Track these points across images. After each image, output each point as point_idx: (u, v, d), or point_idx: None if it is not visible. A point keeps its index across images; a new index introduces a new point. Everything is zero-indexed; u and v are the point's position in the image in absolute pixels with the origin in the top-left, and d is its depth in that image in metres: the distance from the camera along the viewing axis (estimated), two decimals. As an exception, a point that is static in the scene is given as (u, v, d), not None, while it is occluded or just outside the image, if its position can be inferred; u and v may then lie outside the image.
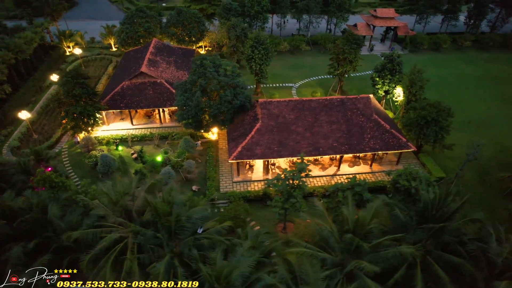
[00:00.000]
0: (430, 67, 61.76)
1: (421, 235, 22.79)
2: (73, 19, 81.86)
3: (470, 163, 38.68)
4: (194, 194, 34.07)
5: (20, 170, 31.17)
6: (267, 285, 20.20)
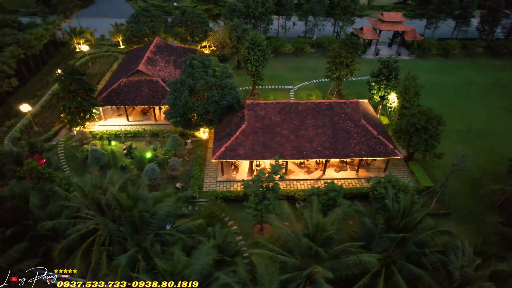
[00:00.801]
0: (436, 73, 60.59)
1: (387, 244, 22.51)
2: (89, 16, 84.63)
3: (463, 175, 37.80)
4: (178, 191, 34.82)
5: (12, 160, 32.71)
6: (223, 284, 20.51)
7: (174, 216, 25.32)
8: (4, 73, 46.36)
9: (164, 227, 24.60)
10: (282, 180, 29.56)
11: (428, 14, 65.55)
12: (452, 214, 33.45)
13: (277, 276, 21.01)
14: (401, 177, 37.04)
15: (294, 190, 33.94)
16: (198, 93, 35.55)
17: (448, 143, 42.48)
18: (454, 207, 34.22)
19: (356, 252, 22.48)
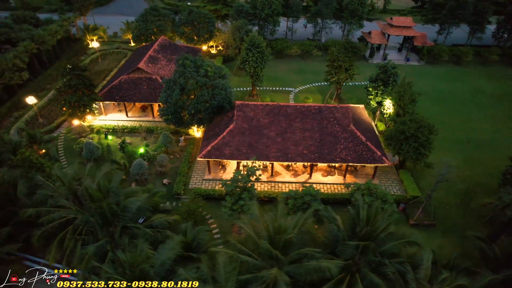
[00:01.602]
0: (444, 80, 58.97)
1: (350, 251, 22.37)
2: (106, 14, 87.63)
3: (455, 186, 36.88)
4: (165, 187, 35.75)
5: (10, 149, 34.56)
6: (182, 279, 21.05)
7: (147, 211, 26.05)
8: (16, 66, 48.93)
9: (137, 220, 25.44)
10: (258, 182, 29.78)
11: (440, 19, 63.70)
12: (437, 226, 32.62)
13: (236, 275, 21.41)
14: (389, 185, 36.49)
15: (277, 192, 34.07)
16: (189, 92, 36.31)
17: (444, 153, 41.54)
18: (441, 219, 33.36)
19: (321, 257, 22.50)
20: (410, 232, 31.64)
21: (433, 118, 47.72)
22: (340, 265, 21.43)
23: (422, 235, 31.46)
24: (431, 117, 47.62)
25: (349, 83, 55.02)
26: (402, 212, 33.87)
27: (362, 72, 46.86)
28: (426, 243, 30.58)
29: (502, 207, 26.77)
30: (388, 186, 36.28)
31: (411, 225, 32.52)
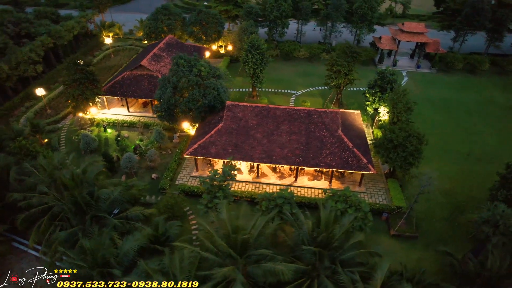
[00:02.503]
0: (455, 89, 57.03)
1: (308, 257, 22.39)
2: (126, 11, 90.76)
3: (446, 200, 35.80)
4: (153, 181, 36.91)
5: (12, 137, 36.80)
6: (141, 269, 21.86)
7: (123, 203, 27.12)
8: (31, 59, 51.85)
9: (112, 211, 26.56)
10: (234, 181, 30.13)
11: (456, 26, 61.50)
12: (419, 238, 31.79)
13: (194, 270, 22.03)
14: (376, 194, 35.90)
15: (256, 193, 34.31)
16: (181, 90, 37.25)
17: (440, 164, 40.52)
18: (425, 232, 32.49)
19: (282, 260, 22.66)
20: (388, 242, 31.59)
21: (434, 127, 46.94)
22: (295, 269, 21.54)
23: (402, 247, 31.24)
24: (432, 126, 47.10)
25: (351, 88, 54.43)
26: (385, 222, 33.29)
27: (369, 78, 46.10)
28: (404, 255, 30.42)
29: (480, 223, 25.79)
30: (374, 195, 35.71)
31: (392, 236, 31.89)
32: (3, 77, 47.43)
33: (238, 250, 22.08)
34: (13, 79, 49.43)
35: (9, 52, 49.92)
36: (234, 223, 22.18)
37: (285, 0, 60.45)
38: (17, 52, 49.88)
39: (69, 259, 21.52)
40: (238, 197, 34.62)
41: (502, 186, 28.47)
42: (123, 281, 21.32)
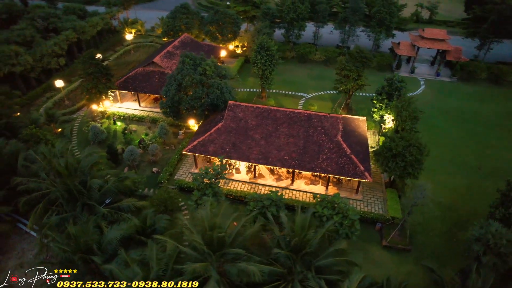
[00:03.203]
0: (474, 100, 54.59)
1: (283, 260, 22.41)
2: (151, 9, 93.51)
3: (449, 214, 34.51)
4: (153, 175, 38.08)
5: (27, 125, 39.12)
6: (121, 258, 22.75)
7: (117, 193, 28.25)
8: (55, 52, 54.81)
9: (104, 201, 27.75)
10: (223, 179, 30.45)
11: (480, 34, 58.74)
12: (412, 252, 30.84)
13: (172, 263, 22.63)
14: (373, 202, 35.13)
15: (246, 193, 34.48)
16: (185, 88, 38.15)
17: (447, 176, 39.33)
18: (419, 245, 31.50)
19: (259, 261, 22.82)
20: (379, 253, 30.89)
21: (446, 139, 45.31)
22: (269, 271, 21.63)
23: (393, 259, 30.53)
24: (443, 137, 45.49)
25: (362, 93, 53.39)
26: (378, 232, 32.56)
27: (365, 83, 45.29)
28: (395, 268, 29.75)
29: (471, 241, 24.71)
30: (371, 203, 34.97)
31: (384, 247, 31.16)
32: (28, 68, 50.44)
33: (214, 247, 22.44)
34: (37, 71, 52.45)
35: (35, 45, 53.05)
36: (212, 221, 22.54)
37: (302, 3, 60.15)
38: (42, 45, 52.89)
39: (55, 243, 22.73)
40: (232, 195, 35.06)
41: (502, 203, 27.08)
42: (105, 268, 22.34)
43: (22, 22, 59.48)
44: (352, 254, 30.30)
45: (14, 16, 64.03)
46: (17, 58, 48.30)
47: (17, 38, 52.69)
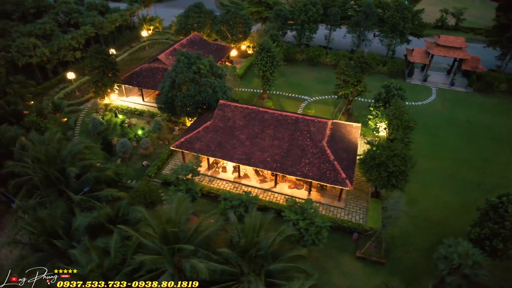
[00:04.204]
0: (488, 113, 51.63)
1: (235, 259, 22.53)
2: (173, 7, 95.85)
3: (437, 230, 33.02)
4: (143, 168, 39.33)
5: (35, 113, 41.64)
6: (84, 245, 23.84)
7: (94, 182, 29.54)
8: (71, 46, 57.84)
9: (82, 189, 29.12)
10: (197, 175, 30.89)
11: (501, 43, 55.34)
12: (387, 265, 29.78)
13: (130, 254, 23.39)
14: (355, 212, 34.25)
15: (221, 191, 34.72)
16: (179, 86, 39.03)
17: (442, 191, 37.87)
18: (395, 259, 30.38)
19: (217, 259, 23.11)
20: (352, 264, 30.15)
21: (449, 151, 43.37)
22: (221, 269, 21.88)
23: (364, 270, 29.74)
24: (446, 150, 43.60)
25: (365, 99, 51.97)
26: (355, 242, 31.72)
27: (364, 89, 44.14)
28: (365, 280, 28.98)
29: (437, 259, 23.55)
30: (352, 212, 34.13)
31: (357, 258, 30.33)
32: (44, 60, 53.61)
33: (170, 241, 22.94)
34: (53, 62, 55.61)
35: (54, 38, 56.27)
36: (167, 215, 23.04)
37: (314, 5, 59.46)
38: (60, 38, 56.00)
39: (26, 224, 24.19)
40: (213, 193, 35.51)
41: (479, 223, 25.55)
42: (70, 252, 23.52)
43: (47, 16, 63.26)
44: (324, 262, 30.05)
45: (41, 11, 68.28)
46: (35, 50, 51.47)
47: (38, 32, 56.12)
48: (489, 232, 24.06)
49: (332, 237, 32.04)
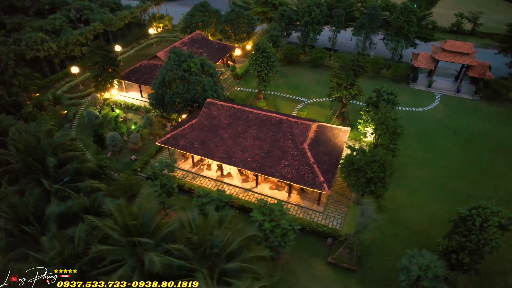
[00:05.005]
0: (492, 122, 49.61)
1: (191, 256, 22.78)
2: (186, 5, 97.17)
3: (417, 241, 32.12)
4: (131, 162, 40.27)
5: (35, 104, 43.50)
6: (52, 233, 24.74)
7: (74, 173, 30.54)
8: (79, 41, 59.88)
9: (62, 178, 30.19)
10: (172, 172, 31.39)
11: None
12: (358, 273, 29.20)
13: (95, 243, 24.05)
14: (333, 216, 33.78)
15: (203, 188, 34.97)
16: (169, 83, 39.70)
17: (429, 200, 36.86)
18: (368, 267, 29.74)
19: (177, 255, 23.48)
20: (322, 269, 29.78)
21: (443, 160, 41.83)
22: (177, 264, 22.20)
23: (334, 277, 29.40)
24: (441, 159, 42.09)
25: (363, 103, 50.83)
26: (329, 247, 31.27)
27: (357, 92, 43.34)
28: (334, 286, 28.70)
29: (399, 269, 22.89)
30: (330, 217, 33.66)
31: (329, 263, 29.90)
32: (51, 54, 55.79)
33: (131, 234, 23.45)
34: (61, 57, 57.75)
35: (63, 34, 58.44)
36: (129, 209, 23.55)
37: (318, 6, 58.86)
38: (68, 34, 58.11)
39: (2, 210, 25.38)
40: (194, 190, 35.88)
41: (449, 235, 24.62)
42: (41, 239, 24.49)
43: (60, 12, 65.77)
44: (294, 265, 29.86)
45: (55, 7, 71.03)
46: (42, 44, 53.63)
47: (48, 27, 58.41)
48: (456, 245, 23.12)
49: (306, 241, 31.92)
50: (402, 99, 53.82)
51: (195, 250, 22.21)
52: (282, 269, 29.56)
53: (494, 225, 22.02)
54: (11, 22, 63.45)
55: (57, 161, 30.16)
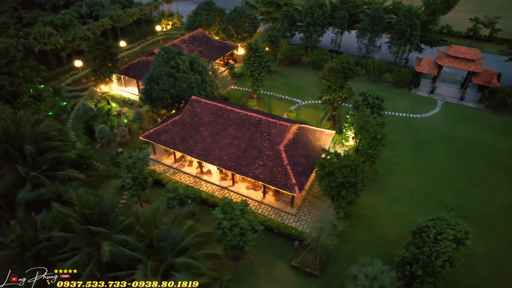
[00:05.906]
0: (493, 132, 47.58)
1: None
2: (196, 3, 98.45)
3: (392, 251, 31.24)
4: (116, 155, 41.39)
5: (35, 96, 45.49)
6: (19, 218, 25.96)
7: (52, 162, 31.79)
8: (87, 36, 62.02)
9: (41, 166, 31.51)
10: (145, 165, 32.06)
11: (521, 57, 50.19)
12: (321, 279, 28.75)
13: (57, 230, 25.00)
14: (305, 219, 33.36)
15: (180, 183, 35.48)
16: (156, 79, 40.49)
17: (409, 210, 35.77)
18: (332, 274, 29.24)
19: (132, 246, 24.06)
20: (284, 272, 29.57)
21: (433, 169, 40.24)
22: (129, 255, 22.73)
23: (295, 281, 29.29)
24: (430, 168, 40.43)
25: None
26: (295, 251, 30.93)
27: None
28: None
29: (349, 277, 22.37)
30: (302, 220, 33.27)
31: (292, 266, 29.60)
32: (58, 48, 58.13)
33: (88, 223, 24.19)
34: (67, 51, 60.05)
35: (71, 28, 60.77)
36: (87, 198, 24.28)
37: (320, 7, 58.13)
38: (76, 29, 60.35)
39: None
40: (168, 185, 36.46)
41: (407, 246, 23.79)
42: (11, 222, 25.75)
43: (72, 8, 68.40)
44: (258, 266, 29.82)
45: (70, 2, 73.89)
46: (49, 38, 55.99)
47: (58, 21, 60.88)
48: (410, 256, 22.31)
49: (274, 242, 31.78)
50: (402, 105, 52.54)
51: (141, 242, 22.61)
52: (245, 269, 29.55)
53: (448, 238, 21.10)
54: (27, 16, 66.66)
55: (38, 149, 31.49)
